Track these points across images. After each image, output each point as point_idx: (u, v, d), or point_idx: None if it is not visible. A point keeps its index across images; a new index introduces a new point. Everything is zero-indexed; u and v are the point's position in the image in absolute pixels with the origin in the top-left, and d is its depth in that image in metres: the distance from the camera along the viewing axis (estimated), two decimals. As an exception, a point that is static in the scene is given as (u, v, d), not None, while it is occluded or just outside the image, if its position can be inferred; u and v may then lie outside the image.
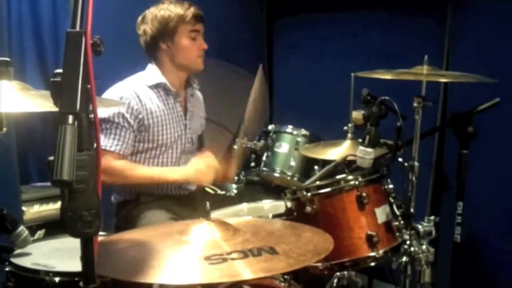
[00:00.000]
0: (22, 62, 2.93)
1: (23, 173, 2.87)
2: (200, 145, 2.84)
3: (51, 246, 1.97)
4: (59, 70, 1.03)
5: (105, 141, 2.38)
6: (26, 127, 2.89)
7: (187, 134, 2.60)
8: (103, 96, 2.41)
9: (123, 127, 2.39)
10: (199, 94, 2.79)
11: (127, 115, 2.39)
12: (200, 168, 2.46)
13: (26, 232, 1.86)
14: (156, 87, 2.50)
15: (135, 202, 2.52)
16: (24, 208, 2.71)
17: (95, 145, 1.08)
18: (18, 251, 1.86)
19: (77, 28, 1.04)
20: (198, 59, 2.54)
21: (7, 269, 1.76)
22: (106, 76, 2.49)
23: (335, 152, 2.55)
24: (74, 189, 0.99)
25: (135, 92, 2.44)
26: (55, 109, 1.02)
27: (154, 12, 2.49)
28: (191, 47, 2.51)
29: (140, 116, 2.42)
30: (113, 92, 2.45)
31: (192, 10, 2.49)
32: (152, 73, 2.53)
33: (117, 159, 2.39)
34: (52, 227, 2.76)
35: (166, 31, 2.47)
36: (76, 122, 0.99)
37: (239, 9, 4.07)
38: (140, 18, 2.54)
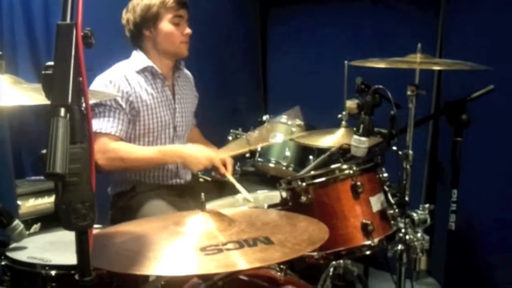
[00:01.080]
0: (14, 55, 2.90)
1: (18, 167, 2.86)
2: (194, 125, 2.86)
3: (46, 239, 1.97)
4: (51, 63, 1.02)
5: (100, 124, 2.38)
6: (19, 121, 2.87)
7: (177, 118, 2.60)
8: (92, 84, 2.41)
9: (116, 109, 2.40)
10: (186, 72, 2.79)
11: (119, 98, 2.40)
12: (201, 158, 2.45)
13: (22, 226, 1.86)
14: (143, 71, 2.51)
15: (131, 193, 2.52)
16: (19, 202, 2.70)
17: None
18: (13, 245, 1.86)
19: (68, 20, 1.03)
20: (181, 44, 2.54)
21: (3, 263, 1.76)
22: (97, 68, 2.50)
23: (329, 140, 2.55)
24: (67, 182, 0.99)
25: (124, 75, 2.45)
26: (47, 102, 1.01)
27: (136, 1, 2.51)
28: (174, 33, 2.51)
29: (131, 98, 2.42)
30: (102, 77, 2.45)
31: None
32: (138, 59, 2.54)
33: (114, 141, 2.39)
34: (47, 221, 2.75)
35: (148, 18, 2.47)
36: (68, 115, 0.99)
37: (234, -2, 4.07)
38: (125, 9, 2.55)
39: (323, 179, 1.90)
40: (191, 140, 2.81)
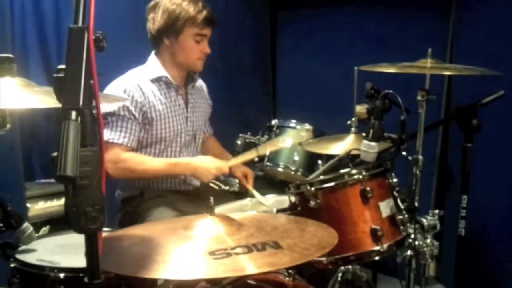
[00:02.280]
0: (26, 58, 2.92)
1: (28, 169, 2.88)
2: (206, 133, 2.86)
3: (55, 242, 1.98)
4: (62, 66, 1.03)
5: (112, 134, 2.38)
6: (30, 124, 2.89)
7: (188, 127, 2.60)
8: (105, 90, 2.41)
9: (129, 119, 2.40)
10: (201, 83, 2.79)
11: (132, 108, 2.40)
12: (211, 169, 2.46)
13: (31, 228, 1.87)
14: (157, 80, 2.51)
15: (139, 199, 2.53)
16: (28, 205, 2.71)
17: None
18: (23, 247, 1.87)
19: (80, 24, 1.04)
20: (198, 61, 2.54)
21: (12, 265, 1.77)
22: (109, 72, 2.51)
23: (339, 147, 2.55)
24: (78, 185, 0.99)
25: (138, 85, 2.45)
26: (58, 105, 1.02)
27: (166, 4, 2.45)
28: (194, 50, 2.50)
29: (144, 108, 2.43)
30: (116, 85, 2.45)
31: (204, 13, 2.46)
32: (153, 66, 2.53)
33: (125, 151, 2.40)
34: (56, 224, 2.76)
35: (172, 28, 2.45)
36: (79, 118, 0.99)
37: (243, 1, 4.06)
38: (152, 3, 2.50)
39: (332, 184, 1.90)
40: (208, 149, 2.84)
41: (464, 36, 3.12)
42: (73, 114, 0.98)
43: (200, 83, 2.79)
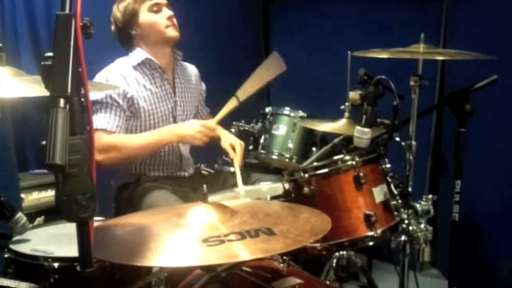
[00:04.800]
0: (16, 47, 2.90)
1: (21, 160, 2.86)
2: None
3: (50, 232, 1.97)
4: (50, 54, 1.02)
5: (95, 121, 2.36)
6: (21, 114, 2.88)
7: (178, 111, 2.59)
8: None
9: (112, 105, 2.39)
10: (190, 66, 2.78)
11: (115, 95, 2.39)
12: (196, 127, 2.42)
13: (24, 218, 1.86)
14: (140, 66, 2.50)
15: (135, 185, 2.52)
16: (22, 195, 2.70)
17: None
18: (17, 237, 1.86)
19: (67, 11, 1.03)
20: (168, 28, 2.51)
21: (6, 255, 1.76)
22: (101, 61, 2.50)
23: (333, 126, 2.55)
24: (67, 173, 0.99)
25: (121, 74, 2.44)
26: (47, 93, 1.01)
27: (115, 9, 2.52)
28: (157, 20, 2.50)
29: (128, 96, 2.42)
30: (99, 76, 2.45)
31: None
32: (135, 53, 2.53)
33: (108, 135, 2.38)
34: (51, 214, 2.76)
35: (129, 17, 2.48)
36: (67, 106, 0.98)
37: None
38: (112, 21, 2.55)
39: (325, 170, 1.90)
40: None
41: (457, 20, 3.11)
42: (61, 101, 0.97)
43: (190, 67, 2.78)
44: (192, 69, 2.80)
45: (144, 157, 2.53)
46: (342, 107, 2.56)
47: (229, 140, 2.61)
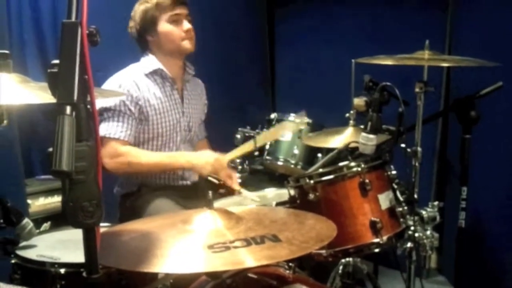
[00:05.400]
0: (23, 54, 2.93)
1: (27, 166, 2.88)
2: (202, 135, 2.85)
3: (56, 238, 1.98)
4: (56, 61, 1.02)
5: (109, 129, 2.39)
6: (28, 120, 2.89)
7: (184, 121, 2.60)
8: (102, 86, 2.42)
9: (125, 114, 2.40)
10: (197, 81, 2.79)
11: (128, 102, 2.41)
12: (210, 160, 2.45)
13: (31, 224, 1.87)
14: (152, 74, 2.51)
15: (137, 194, 2.52)
16: (29, 201, 2.72)
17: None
18: (23, 243, 1.87)
19: (73, 19, 1.04)
20: (183, 41, 2.52)
21: (13, 261, 1.77)
22: (107, 69, 2.51)
23: (338, 140, 2.54)
24: (74, 180, 1.00)
25: (134, 80, 2.46)
26: (54, 100, 1.02)
27: (136, 8, 2.53)
28: (175, 32, 2.50)
29: (140, 103, 2.43)
30: (112, 81, 2.47)
31: None
32: (148, 61, 2.54)
33: (122, 145, 2.40)
34: (57, 220, 2.77)
35: (147, 23, 2.49)
36: (74, 113, 0.99)
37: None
38: (131, 15, 2.56)
39: (331, 176, 1.90)
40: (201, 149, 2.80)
41: (462, 27, 3.11)
42: (68, 109, 0.98)
43: (197, 81, 2.79)
44: (199, 84, 2.81)
45: (151, 175, 2.54)
46: (347, 115, 2.55)
47: (224, 171, 2.53)
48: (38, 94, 1.53)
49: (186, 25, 2.52)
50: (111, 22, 2.54)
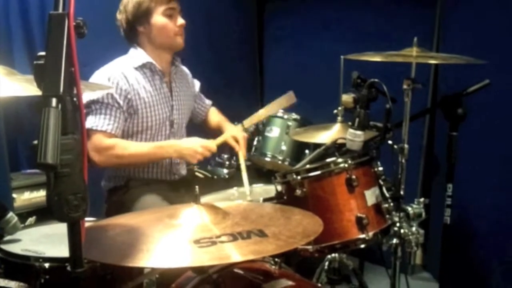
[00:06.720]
0: (10, 47, 2.90)
1: (13, 160, 2.85)
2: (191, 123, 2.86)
3: (41, 232, 1.97)
4: (42, 53, 1.01)
5: (96, 121, 2.37)
6: (14, 114, 2.87)
7: (174, 115, 2.59)
8: (90, 79, 2.40)
9: (113, 107, 2.39)
10: (183, 69, 2.79)
11: (116, 96, 2.39)
12: (196, 147, 2.44)
13: (16, 218, 1.86)
14: (142, 67, 2.50)
15: (125, 188, 2.51)
16: (14, 195, 2.69)
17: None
18: (8, 237, 1.86)
19: (60, 10, 1.03)
20: (176, 36, 2.52)
21: (-4, 255, 1.75)
22: (94, 63, 2.49)
23: (326, 136, 2.55)
24: (59, 173, 0.99)
25: (123, 73, 2.44)
26: (40, 93, 1.00)
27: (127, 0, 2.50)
28: (168, 25, 2.49)
29: (129, 96, 2.42)
30: (100, 73, 2.44)
31: None
32: (137, 54, 2.53)
33: (109, 138, 2.38)
34: (43, 214, 2.74)
35: (140, 14, 2.47)
36: (60, 105, 0.98)
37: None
38: (118, 11, 2.54)
39: (318, 172, 1.90)
40: (210, 119, 2.92)
41: (450, 25, 3.13)
42: (54, 101, 0.97)
43: (184, 70, 2.79)
44: (186, 74, 2.80)
45: (140, 166, 2.52)
46: (335, 111, 2.56)
47: (232, 133, 2.62)
48: (24, 87, 1.52)
49: (180, 20, 2.52)
50: (99, 17, 2.52)
